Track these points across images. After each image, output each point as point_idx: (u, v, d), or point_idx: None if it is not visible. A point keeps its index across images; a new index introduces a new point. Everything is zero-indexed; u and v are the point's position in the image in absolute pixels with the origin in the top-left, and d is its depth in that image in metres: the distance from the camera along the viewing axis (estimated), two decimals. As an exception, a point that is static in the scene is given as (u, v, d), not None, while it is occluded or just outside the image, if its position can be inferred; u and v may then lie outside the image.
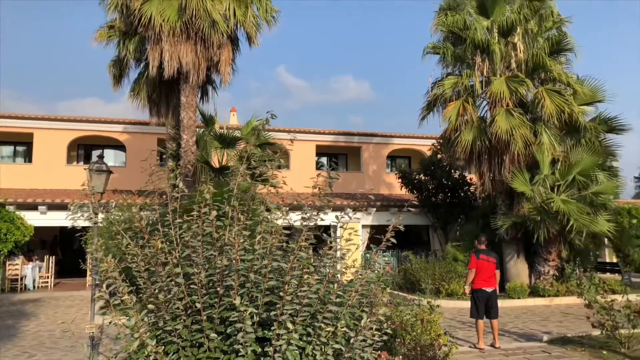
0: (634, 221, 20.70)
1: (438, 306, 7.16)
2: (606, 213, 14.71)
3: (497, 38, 15.45)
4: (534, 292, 14.65)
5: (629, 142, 76.99)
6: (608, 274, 18.40)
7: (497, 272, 8.83)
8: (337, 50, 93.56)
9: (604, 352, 7.80)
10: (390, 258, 19.08)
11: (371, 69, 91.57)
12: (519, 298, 14.16)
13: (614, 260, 20.68)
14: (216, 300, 3.65)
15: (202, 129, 17.10)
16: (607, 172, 15.49)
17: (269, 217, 4.58)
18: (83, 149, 23.34)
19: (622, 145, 16.52)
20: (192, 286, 3.70)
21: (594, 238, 15.49)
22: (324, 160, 26.57)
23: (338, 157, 26.91)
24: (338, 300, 3.82)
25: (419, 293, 13.60)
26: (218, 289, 3.64)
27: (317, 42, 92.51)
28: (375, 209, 19.65)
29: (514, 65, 15.16)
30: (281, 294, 3.53)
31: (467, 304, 10.40)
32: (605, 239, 17.82)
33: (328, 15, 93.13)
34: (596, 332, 8.65)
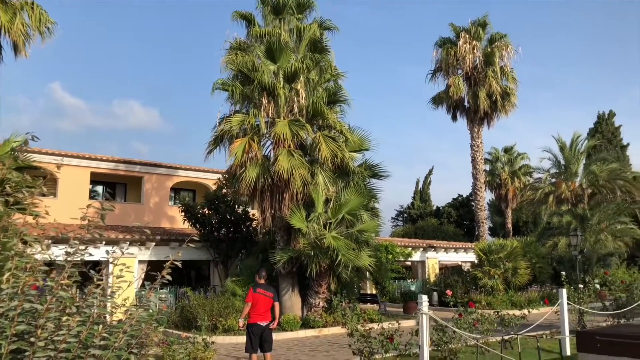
0: (390, 257, 23.64)
1: (213, 343, 7.07)
2: (368, 249, 16.47)
3: (282, 83, 16.47)
4: (306, 323, 15.52)
5: (388, 186, 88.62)
6: (368, 305, 20.49)
7: (277, 305, 9.11)
8: (123, 71, 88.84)
9: (362, 376, 8.58)
10: (168, 295, 18.30)
11: (161, 96, 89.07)
12: (291, 330, 14.83)
13: (374, 291, 23.21)
14: (-58, 351, 3.01)
15: (-55, 145, 14.34)
16: (370, 212, 17.44)
17: (25, 251, 4.01)
18: None
19: (383, 190, 18.88)
20: None
21: (358, 272, 17.17)
22: (99, 189, 24.57)
23: (116, 186, 25.16)
24: (102, 343, 3.49)
25: (195, 330, 13.27)
26: (-54, 337, 3.00)
27: (100, 60, 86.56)
28: (154, 244, 18.75)
29: (296, 109, 16.27)
30: (32, 339, 3.08)
31: (243, 339, 10.46)
32: (367, 273, 19.89)
33: (114, 33, 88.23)
34: (357, 359, 9.47)
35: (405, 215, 57.51)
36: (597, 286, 19.26)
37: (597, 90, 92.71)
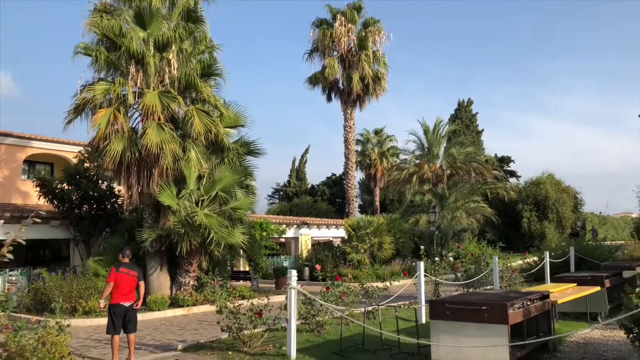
0: (264, 234, 23.80)
1: (68, 326, 6.56)
2: (242, 226, 16.36)
3: (152, 51, 15.56)
4: (175, 303, 15.11)
5: (265, 164, 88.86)
6: (241, 282, 20.47)
7: (142, 285, 8.73)
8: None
9: (230, 352, 8.57)
10: (19, 277, 16.69)
11: (13, 58, 79.94)
12: (159, 310, 14.35)
13: (247, 268, 23.25)
14: None
15: None
16: (245, 189, 17.31)
17: None
18: None
19: (258, 167, 18.76)
20: None
21: (231, 249, 17.02)
22: None
23: (-44, 157, 22.23)
24: None
25: (48, 313, 12.30)
26: None
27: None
28: (2, 221, 16.92)
29: (167, 80, 15.49)
30: None
31: (105, 321, 9.90)
32: (241, 250, 19.83)
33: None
34: (225, 335, 9.44)
35: (281, 193, 58.22)
36: (451, 259, 21.11)
37: (459, 79, 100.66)
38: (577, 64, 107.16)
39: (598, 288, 11.05)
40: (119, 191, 18.89)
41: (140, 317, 10.43)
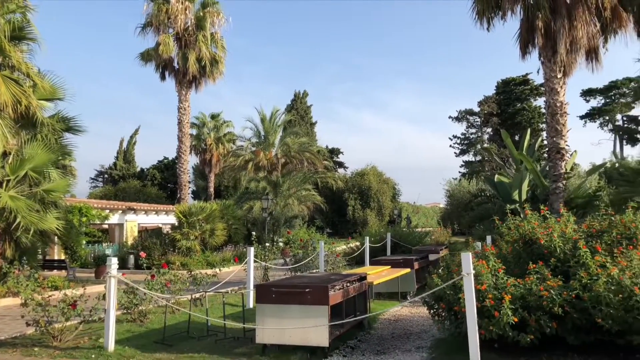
0: (84, 219, 21.92)
1: None
2: (57, 211, 14.81)
3: (-54, 4, 13.23)
4: (-31, 297, 13.15)
5: (89, 143, 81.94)
6: (55, 271, 18.61)
7: None
8: None
9: (36, 348, 7.70)
10: None
11: None
12: (-51, 306, 12.37)
13: (62, 257, 21.20)
14: None
15: None
16: (62, 170, 15.70)
17: None
18: None
19: (78, 146, 17.09)
20: None
21: (43, 235, 15.33)
22: None
23: None
24: None
25: None
26: None
27: None
28: None
29: (-34, 40, 13.31)
30: None
31: None
32: (55, 237, 17.97)
33: None
34: (31, 330, 8.47)
35: (106, 175, 54.30)
36: (282, 244, 21.71)
37: (298, 70, 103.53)
38: (403, 66, 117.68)
39: (408, 270, 12.23)
40: None
41: None
